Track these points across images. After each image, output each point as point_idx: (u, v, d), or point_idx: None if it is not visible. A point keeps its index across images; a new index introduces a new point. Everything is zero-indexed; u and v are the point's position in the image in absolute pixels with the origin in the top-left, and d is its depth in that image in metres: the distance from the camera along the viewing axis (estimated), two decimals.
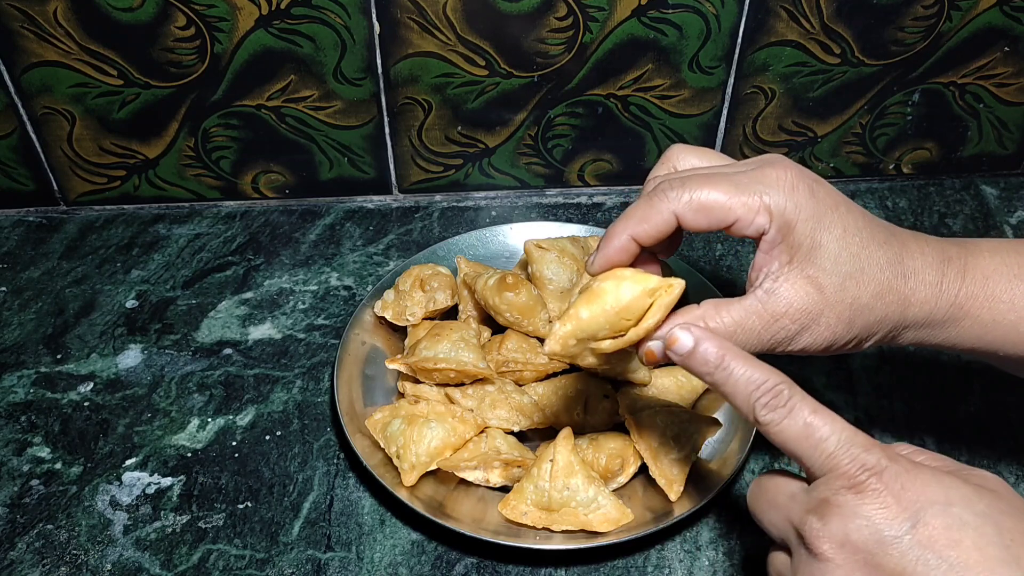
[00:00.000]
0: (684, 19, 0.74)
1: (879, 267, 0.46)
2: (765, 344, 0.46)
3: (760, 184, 0.45)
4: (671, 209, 0.45)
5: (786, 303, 0.45)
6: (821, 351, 0.47)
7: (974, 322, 0.47)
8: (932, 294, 0.47)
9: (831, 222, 0.45)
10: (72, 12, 0.71)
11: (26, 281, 0.77)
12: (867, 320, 0.46)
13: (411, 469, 0.59)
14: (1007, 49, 0.78)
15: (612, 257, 0.47)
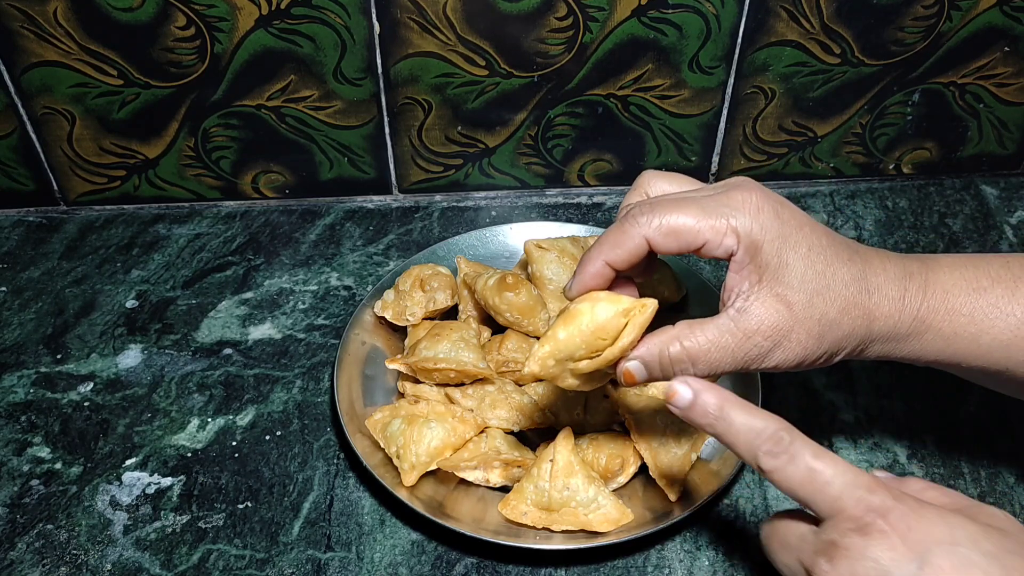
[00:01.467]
0: (684, 19, 0.74)
1: (844, 284, 0.47)
2: (739, 362, 0.47)
3: (727, 207, 0.46)
4: (642, 234, 0.47)
5: (758, 321, 0.46)
6: (793, 367, 0.48)
7: (936, 335, 0.49)
8: (895, 308, 0.48)
9: (796, 242, 0.47)
10: (72, 12, 0.71)
11: (26, 281, 0.77)
12: (835, 335, 0.47)
13: (411, 469, 0.59)
14: (1007, 49, 0.78)
15: (588, 282, 0.49)
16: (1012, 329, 0.48)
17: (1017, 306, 0.48)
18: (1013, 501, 0.61)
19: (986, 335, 0.48)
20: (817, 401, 0.68)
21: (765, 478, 0.42)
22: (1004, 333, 0.48)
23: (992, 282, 0.49)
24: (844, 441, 0.65)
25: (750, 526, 0.60)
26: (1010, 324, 0.48)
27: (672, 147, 0.83)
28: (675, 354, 0.47)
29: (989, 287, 0.49)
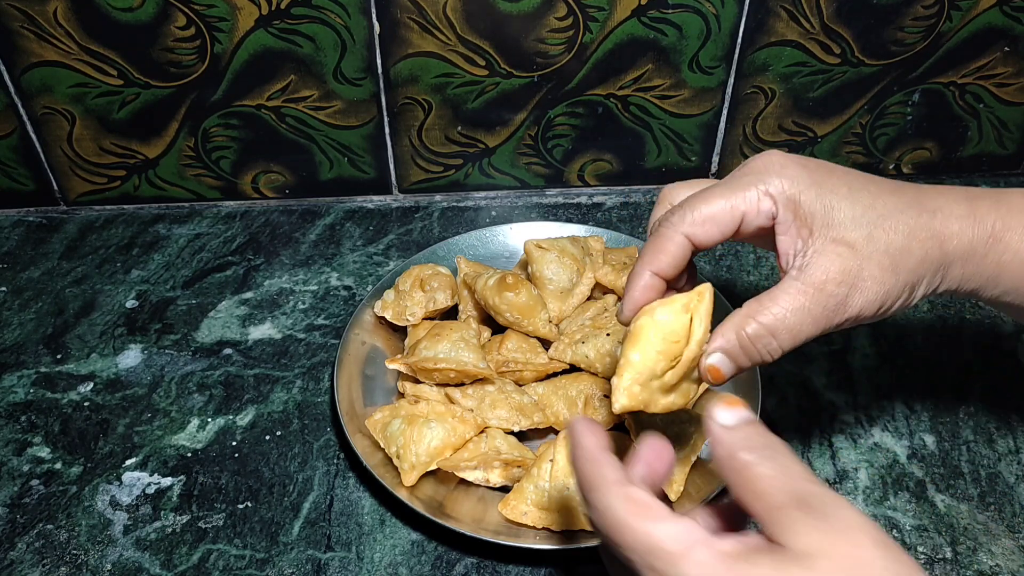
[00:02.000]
0: (684, 19, 0.74)
1: (899, 210, 0.45)
2: (820, 319, 0.44)
3: (752, 176, 0.45)
4: (680, 232, 0.45)
5: (824, 270, 0.44)
6: (876, 311, 0.45)
7: (1014, 256, 0.46)
8: (967, 225, 0.45)
9: (833, 185, 0.45)
10: (72, 12, 0.71)
11: (26, 281, 0.77)
12: (909, 263, 0.45)
13: (411, 469, 0.59)
14: (1007, 49, 0.78)
15: (639, 298, 0.47)
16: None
17: None
18: (1013, 501, 0.61)
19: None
20: (817, 401, 0.68)
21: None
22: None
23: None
24: (844, 441, 0.65)
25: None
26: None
27: (672, 147, 0.83)
28: (753, 333, 0.44)
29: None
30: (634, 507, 0.36)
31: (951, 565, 0.58)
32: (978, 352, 0.71)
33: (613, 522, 0.37)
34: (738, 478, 0.36)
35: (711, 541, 0.35)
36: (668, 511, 0.36)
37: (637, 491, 0.37)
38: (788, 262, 0.45)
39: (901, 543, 0.59)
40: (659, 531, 0.35)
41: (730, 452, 0.37)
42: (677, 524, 0.35)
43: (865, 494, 0.62)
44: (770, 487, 0.35)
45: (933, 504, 0.61)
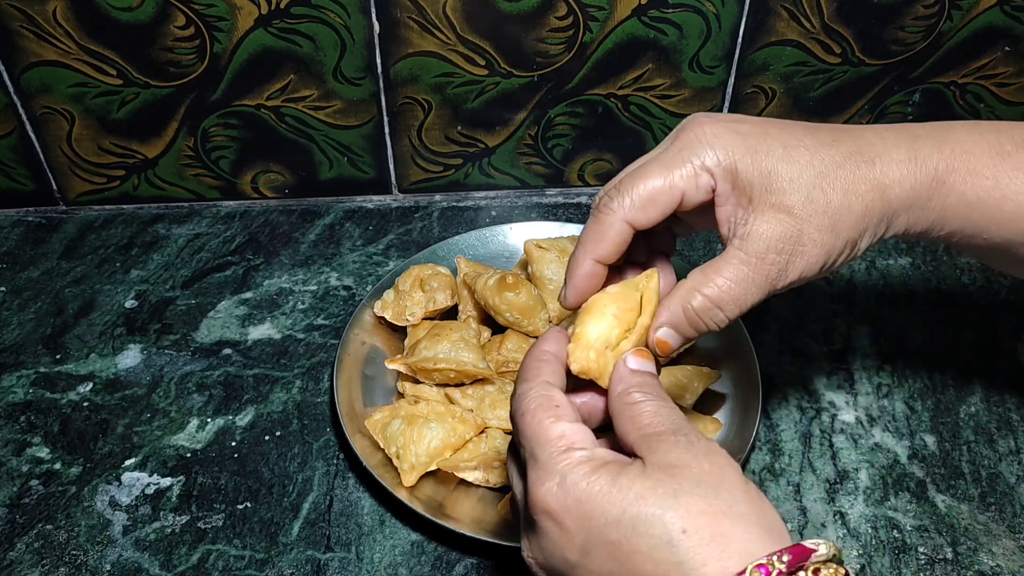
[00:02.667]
0: (684, 19, 0.74)
1: (838, 165, 0.44)
2: (763, 286, 0.45)
3: (685, 151, 0.45)
4: (620, 219, 0.45)
5: (765, 239, 0.44)
6: (820, 270, 0.45)
7: (959, 199, 0.45)
8: (908, 170, 0.45)
9: (768, 148, 0.44)
10: (71, 12, 0.71)
11: (25, 281, 0.77)
12: (849, 220, 0.44)
13: (411, 469, 0.59)
14: (1007, 49, 0.78)
15: (582, 286, 0.47)
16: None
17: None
18: (1014, 501, 0.61)
19: (1011, 201, 0.45)
20: (817, 401, 0.67)
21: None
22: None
23: (1016, 147, 0.46)
24: (844, 441, 0.65)
25: None
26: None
27: None
28: (699, 306, 0.45)
29: (1014, 152, 0.46)
30: (545, 402, 0.40)
31: (952, 565, 0.58)
32: (978, 352, 0.71)
33: (521, 409, 0.41)
34: (627, 411, 0.41)
35: (593, 448, 0.39)
36: (574, 417, 0.40)
37: (559, 394, 0.41)
38: (729, 230, 0.45)
39: (902, 543, 0.59)
40: (554, 427, 0.39)
41: (626, 389, 0.41)
42: (571, 426, 0.40)
43: (866, 494, 0.62)
44: (651, 420, 0.40)
45: (934, 504, 0.61)
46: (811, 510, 0.61)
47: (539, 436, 0.39)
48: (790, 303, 0.75)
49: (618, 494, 0.37)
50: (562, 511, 0.38)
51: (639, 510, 0.36)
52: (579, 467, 0.38)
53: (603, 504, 0.37)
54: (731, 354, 0.67)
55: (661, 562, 0.35)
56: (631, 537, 0.36)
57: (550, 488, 0.38)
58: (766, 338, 0.72)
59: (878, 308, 0.75)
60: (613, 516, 0.36)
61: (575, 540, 0.38)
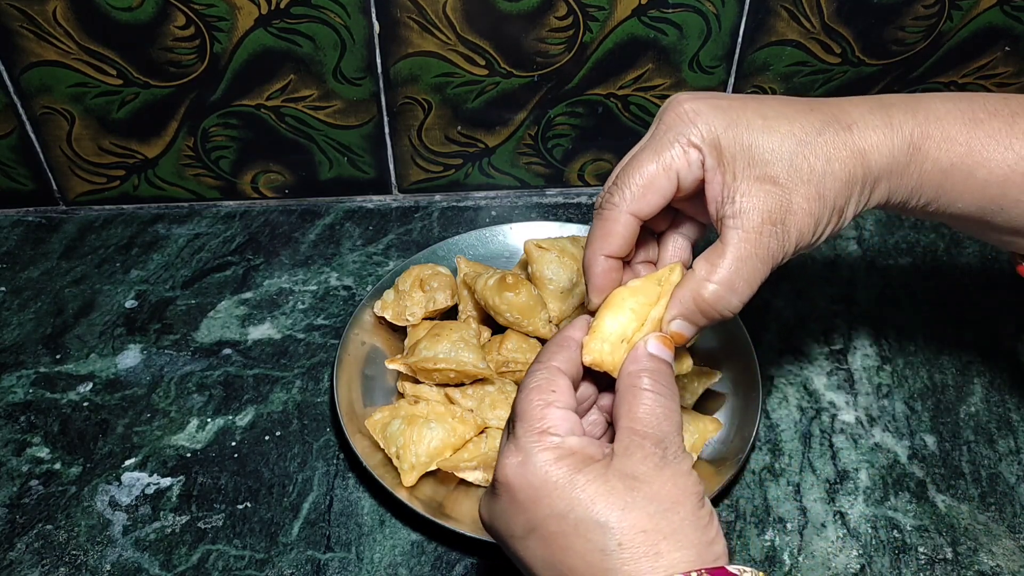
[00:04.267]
0: (684, 19, 0.74)
1: (817, 132, 0.45)
2: (766, 261, 0.45)
3: (670, 132, 0.45)
4: (624, 212, 0.46)
5: (757, 212, 0.44)
6: (812, 239, 0.46)
7: (933, 165, 0.46)
8: (885, 135, 0.46)
9: (748, 120, 0.45)
10: (71, 12, 0.71)
11: (25, 281, 0.77)
12: (833, 186, 0.45)
13: (411, 469, 0.59)
14: (1007, 49, 0.78)
15: (600, 284, 0.47)
16: (1010, 163, 0.46)
17: (1016, 140, 0.46)
18: (1014, 501, 0.61)
19: (982, 168, 0.46)
20: (817, 401, 0.67)
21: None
22: (1001, 167, 0.46)
23: (989, 115, 0.46)
24: (844, 441, 0.65)
25: (750, 526, 0.60)
26: (1007, 158, 0.45)
27: None
28: (711, 295, 0.44)
29: (986, 119, 0.46)
30: (544, 384, 0.42)
31: (952, 566, 0.58)
32: (978, 352, 0.71)
33: (523, 385, 0.43)
34: (630, 395, 0.42)
35: (566, 436, 0.40)
36: (565, 403, 0.42)
37: (561, 380, 0.42)
38: (717, 209, 0.45)
39: (902, 543, 0.59)
40: (540, 410, 0.41)
41: (638, 372, 0.43)
42: (557, 412, 0.41)
43: (866, 494, 0.62)
44: (646, 415, 0.41)
45: (934, 504, 0.61)
46: (811, 510, 0.61)
47: (524, 414, 0.41)
48: (790, 303, 0.75)
49: (570, 490, 0.38)
50: (517, 488, 0.40)
51: (584, 513, 0.38)
52: (545, 452, 0.39)
53: (554, 495, 0.38)
54: (731, 354, 0.67)
55: (592, 564, 0.37)
56: (570, 534, 0.38)
57: (513, 463, 0.40)
58: (766, 338, 0.72)
59: (878, 308, 0.75)
60: (560, 509, 0.38)
61: (521, 517, 0.40)
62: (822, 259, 0.79)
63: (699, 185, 0.46)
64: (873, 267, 0.78)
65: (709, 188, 0.45)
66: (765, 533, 0.60)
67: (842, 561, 0.58)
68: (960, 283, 0.77)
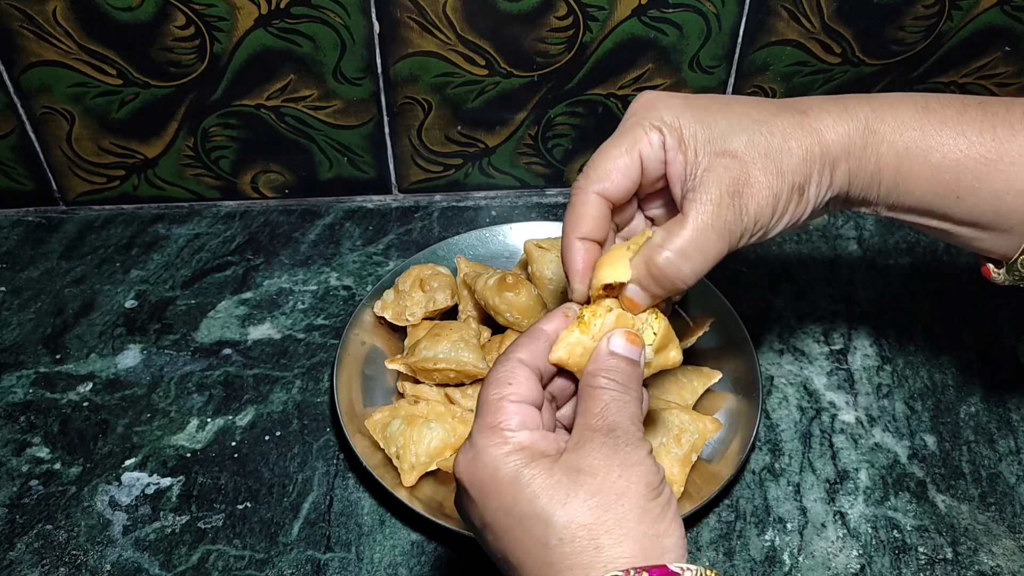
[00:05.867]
0: (684, 18, 0.74)
1: (773, 115, 0.47)
2: (723, 234, 0.45)
3: (635, 117, 0.47)
4: (590, 192, 0.47)
5: (715, 184, 0.45)
6: (772, 217, 0.46)
7: (890, 148, 0.47)
8: (839, 118, 0.47)
9: (706, 105, 0.47)
10: (71, 12, 0.71)
11: (25, 281, 0.77)
12: (791, 161, 0.46)
13: (411, 469, 0.59)
14: (1007, 49, 0.78)
15: (579, 267, 0.48)
16: (962, 149, 0.46)
17: (966, 126, 0.47)
18: (1014, 501, 0.61)
19: (936, 152, 0.47)
20: (817, 401, 0.67)
21: None
22: (953, 151, 0.46)
23: (940, 105, 0.48)
24: (844, 441, 0.65)
25: (750, 526, 0.60)
26: (959, 143, 0.46)
27: None
28: (664, 262, 0.45)
29: (938, 108, 0.47)
30: (503, 377, 0.42)
31: (952, 565, 0.58)
32: (978, 352, 0.71)
33: (488, 377, 0.43)
34: (587, 395, 0.42)
35: (517, 432, 0.40)
36: (522, 397, 0.41)
37: (522, 372, 0.42)
38: (680, 188, 0.46)
39: (902, 543, 0.59)
40: (495, 403, 0.41)
41: (595, 371, 0.43)
42: (511, 407, 0.41)
43: (866, 494, 0.62)
44: (599, 410, 0.41)
45: (934, 504, 0.61)
46: (811, 510, 0.61)
47: (481, 408, 0.41)
48: (790, 303, 0.75)
49: (515, 485, 0.38)
50: (468, 484, 0.40)
51: (528, 507, 0.38)
52: (495, 448, 0.40)
53: (501, 489, 0.39)
54: (731, 354, 0.67)
55: (536, 558, 0.38)
56: (516, 528, 0.38)
57: (465, 458, 0.40)
58: (766, 338, 0.72)
59: (878, 308, 0.75)
60: (506, 504, 0.39)
61: (476, 512, 0.40)
62: (822, 259, 0.79)
63: (661, 171, 0.47)
64: (873, 267, 0.78)
65: (671, 168, 0.46)
66: (765, 533, 0.60)
67: (842, 561, 0.58)
68: (960, 283, 0.77)
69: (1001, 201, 0.47)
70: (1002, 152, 0.46)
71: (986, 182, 0.46)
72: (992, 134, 0.46)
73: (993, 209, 0.47)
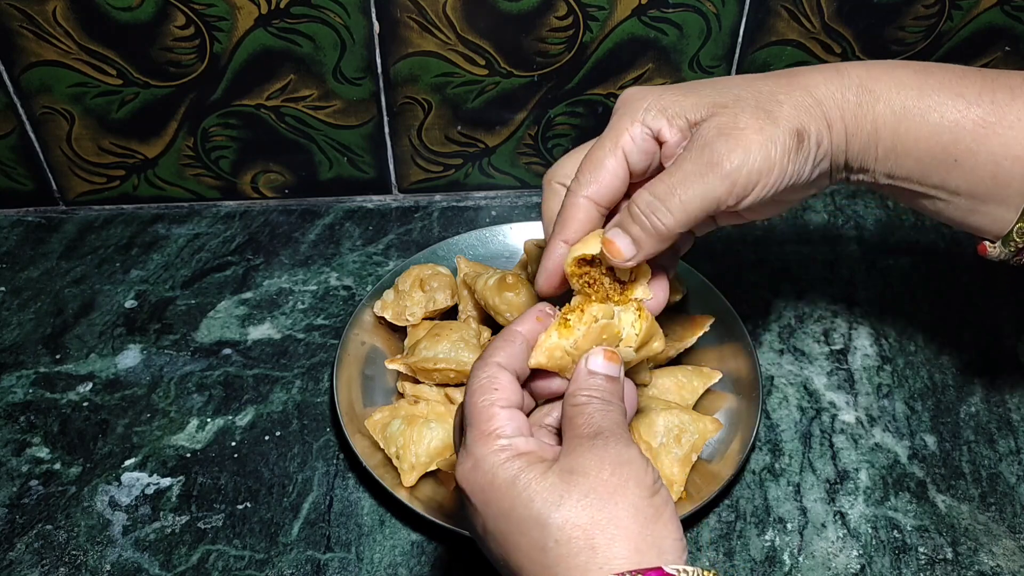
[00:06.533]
0: (684, 18, 0.74)
1: (760, 79, 0.48)
2: (705, 175, 0.45)
3: (616, 116, 0.48)
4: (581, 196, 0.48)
5: (703, 134, 0.46)
6: (769, 165, 0.45)
7: (886, 107, 0.47)
8: (831, 77, 0.47)
9: (688, 84, 0.48)
10: (71, 12, 0.71)
11: (25, 281, 0.77)
12: (782, 112, 0.46)
13: (411, 469, 0.59)
14: (1007, 49, 0.78)
15: (552, 268, 0.49)
16: (960, 109, 0.46)
17: (967, 88, 0.46)
18: (1014, 501, 0.61)
19: (934, 112, 0.46)
20: (817, 401, 0.67)
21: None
22: (951, 111, 0.46)
23: (940, 69, 0.48)
24: (844, 441, 0.65)
25: (750, 526, 0.60)
26: (957, 104, 0.46)
27: None
28: (643, 204, 0.46)
29: (937, 72, 0.47)
30: (487, 383, 0.42)
31: (952, 566, 0.58)
32: (978, 352, 0.71)
33: (469, 386, 0.43)
34: (569, 412, 0.42)
35: (513, 438, 0.40)
36: (509, 401, 0.42)
37: (504, 377, 0.42)
38: (675, 152, 0.47)
39: (902, 543, 0.59)
40: (486, 411, 0.41)
41: (576, 390, 0.43)
42: (503, 412, 0.41)
43: (866, 494, 0.62)
44: (584, 421, 0.41)
45: (934, 504, 0.61)
46: (811, 510, 0.61)
47: (472, 416, 0.41)
48: (790, 303, 0.75)
49: (512, 489, 0.39)
50: (470, 492, 0.40)
51: (525, 511, 0.38)
52: (493, 455, 0.40)
53: (499, 494, 0.39)
54: (731, 354, 0.67)
55: (535, 561, 0.38)
56: (515, 532, 0.38)
57: (465, 467, 0.41)
58: (766, 338, 0.72)
59: (878, 308, 0.74)
60: (504, 509, 0.39)
61: (478, 519, 0.40)
62: (822, 259, 0.79)
63: (650, 162, 0.48)
64: (873, 267, 0.78)
65: (666, 148, 0.47)
66: (765, 533, 0.60)
67: (842, 561, 0.58)
68: (960, 283, 0.77)
69: (999, 167, 0.46)
70: (1001, 115, 0.46)
71: (984, 145, 0.46)
72: (991, 97, 0.46)
73: (991, 175, 0.46)
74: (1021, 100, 0.46)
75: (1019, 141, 0.45)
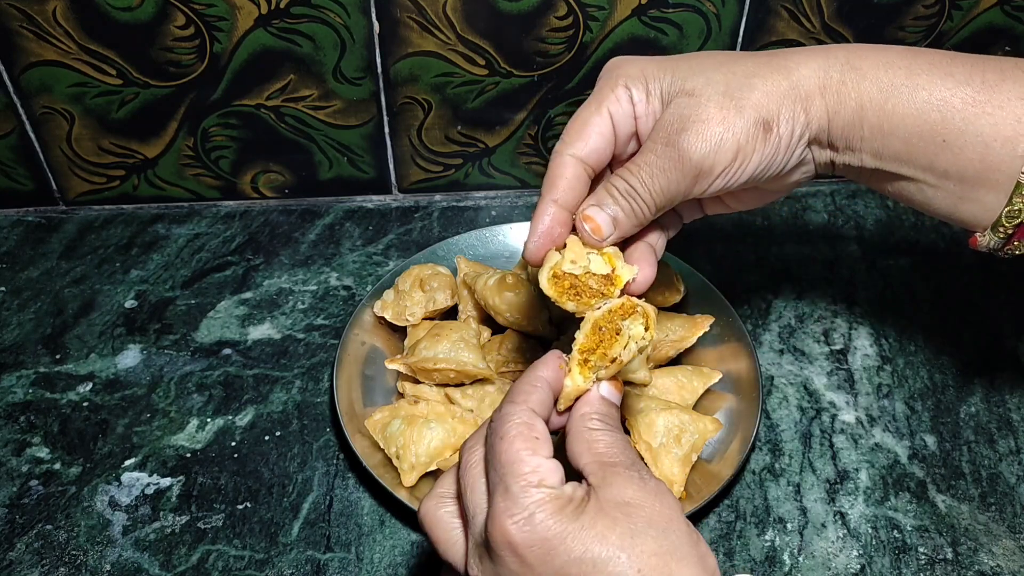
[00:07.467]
0: (684, 18, 0.74)
1: (739, 58, 0.47)
2: (672, 159, 0.46)
3: (602, 80, 0.49)
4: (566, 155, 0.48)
5: (667, 119, 0.46)
6: (734, 155, 0.46)
7: (873, 85, 0.46)
8: (815, 56, 0.47)
9: (676, 58, 0.48)
10: (71, 12, 0.71)
11: (25, 281, 0.77)
12: (752, 99, 0.46)
13: (411, 469, 0.59)
14: (1008, 48, 0.78)
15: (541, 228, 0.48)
16: (949, 87, 0.45)
17: (956, 68, 0.46)
18: (1014, 502, 0.61)
19: (923, 90, 0.45)
20: (817, 401, 0.67)
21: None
22: (940, 90, 0.45)
23: (929, 52, 0.47)
24: (844, 441, 0.65)
25: (750, 526, 0.60)
26: (947, 83, 0.45)
27: None
28: (619, 187, 0.47)
29: (926, 53, 0.47)
30: (525, 431, 0.41)
31: (952, 566, 0.58)
32: (978, 352, 0.71)
33: (500, 432, 0.41)
34: (584, 434, 0.43)
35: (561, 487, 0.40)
36: (549, 451, 0.41)
37: (540, 424, 0.42)
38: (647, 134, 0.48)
39: (902, 543, 0.59)
40: (530, 460, 0.40)
41: (588, 413, 0.44)
42: (546, 462, 0.40)
43: (866, 494, 0.62)
44: (607, 449, 0.42)
45: (934, 504, 0.61)
46: (811, 510, 0.61)
47: (513, 466, 0.40)
48: (791, 303, 0.75)
49: (581, 532, 0.38)
50: (525, 547, 0.39)
51: (600, 551, 0.38)
52: (547, 504, 0.39)
53: (567, 543, 0.38)
54: (731, 354, 0.67)
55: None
56: (591, 574, 0.38)
57: (517, 522, 0.39)
58: (766, 338, 0.72)
59: (878, 308, 0.75)
60: (576, 555, 0.38)
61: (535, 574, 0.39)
62: (822, 259, 0.79)
63: (634, 126, 0.48)
64: (873, 267, 0.78)
65: (640, 123, 0.48)
66: (765, 533, 0.60)
67: (842, 561, 0.58)
68: (960, 283, 0.77)
69: (988, 148, 0.45)
70: (990, 95, 0.45)
71: (973, 125, 0.45)
72: (981, 77, 0.45)
73: (980, 157, 0.45)
74: (1011, 81, 0.45)
75: (1008, 122, 0.45)
